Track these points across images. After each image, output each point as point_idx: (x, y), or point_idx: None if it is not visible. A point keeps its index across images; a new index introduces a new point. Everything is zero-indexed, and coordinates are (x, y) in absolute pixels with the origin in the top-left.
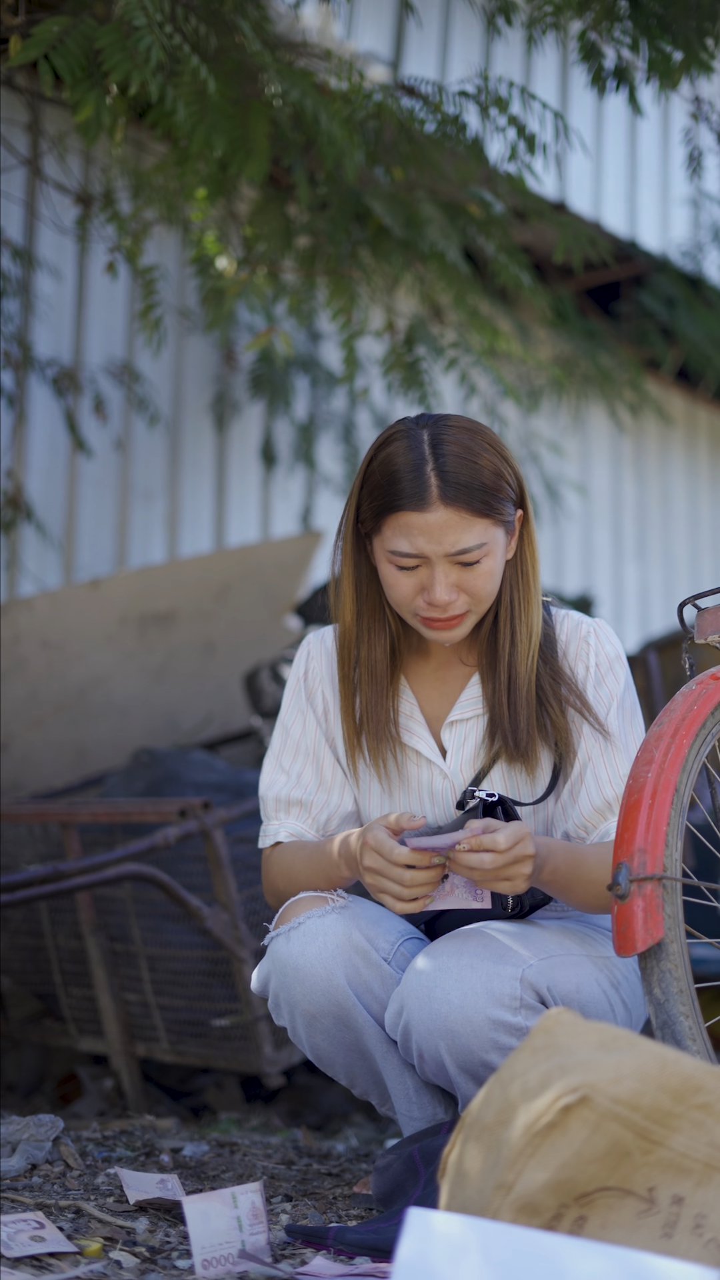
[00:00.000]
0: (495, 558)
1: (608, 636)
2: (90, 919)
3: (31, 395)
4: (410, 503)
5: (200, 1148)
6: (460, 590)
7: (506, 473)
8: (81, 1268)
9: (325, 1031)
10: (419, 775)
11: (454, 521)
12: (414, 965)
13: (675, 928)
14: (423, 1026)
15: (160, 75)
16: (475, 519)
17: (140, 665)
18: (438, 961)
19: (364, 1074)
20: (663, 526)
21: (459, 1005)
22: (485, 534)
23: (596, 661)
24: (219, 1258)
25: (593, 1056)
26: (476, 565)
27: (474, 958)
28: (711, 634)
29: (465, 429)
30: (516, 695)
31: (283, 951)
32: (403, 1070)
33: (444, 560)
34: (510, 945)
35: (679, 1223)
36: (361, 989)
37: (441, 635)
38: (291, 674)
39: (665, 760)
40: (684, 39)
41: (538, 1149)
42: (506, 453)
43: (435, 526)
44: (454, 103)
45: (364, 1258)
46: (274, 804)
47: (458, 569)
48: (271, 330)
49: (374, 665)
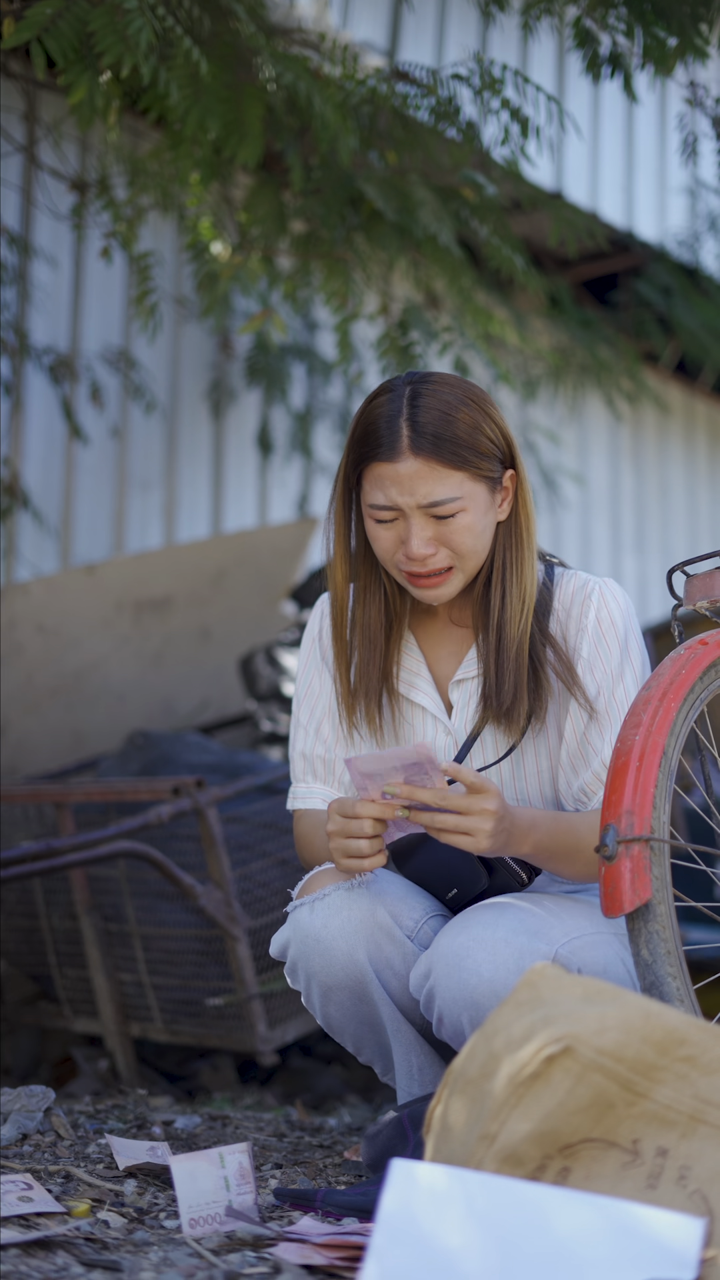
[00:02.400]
0: (474, 513)
1: (612, 594)
2: (85, 899)
3: (28, 383)
4: (383, 453)
5: (192, 1120)
6: (439, 544)
7: (488, 429)
8: (68, 1225)
9: (340, 1004)
10: (423, 731)
11: (424, 472)
12: (447, 929)
13: (663, 889)
14: (448, 994)
15: (153, 58)
16: (448, 471)
17: (136, 650)
18: (472, 932)
19: (371, 1045)
20: (661, 518)
21: (489, 979)
22: (460, 487)
23: (597, 618)
24: (206, 1216)
25: (576, 1009)
26: (452, 519)
27: (509, 932)
28: (700, 599)
29: (448, 384)
30: (504, 657)
31: (305, 922)
32: (410, 1047)
33: (418, 512)
34: (545, 922)
35: (663, 1174)
36: (382, 966)
37: (427, 593)
38: (306, 634)
39: (653, 723)
40: (679, 25)
41: (521, 1099)
42: (492, 410)
43: (406, 477)
44: (448, 87)
45: (352, 1218)
46: (300, 762)
47: (434, 523)
48: (266, 313)
49: (369, 626)
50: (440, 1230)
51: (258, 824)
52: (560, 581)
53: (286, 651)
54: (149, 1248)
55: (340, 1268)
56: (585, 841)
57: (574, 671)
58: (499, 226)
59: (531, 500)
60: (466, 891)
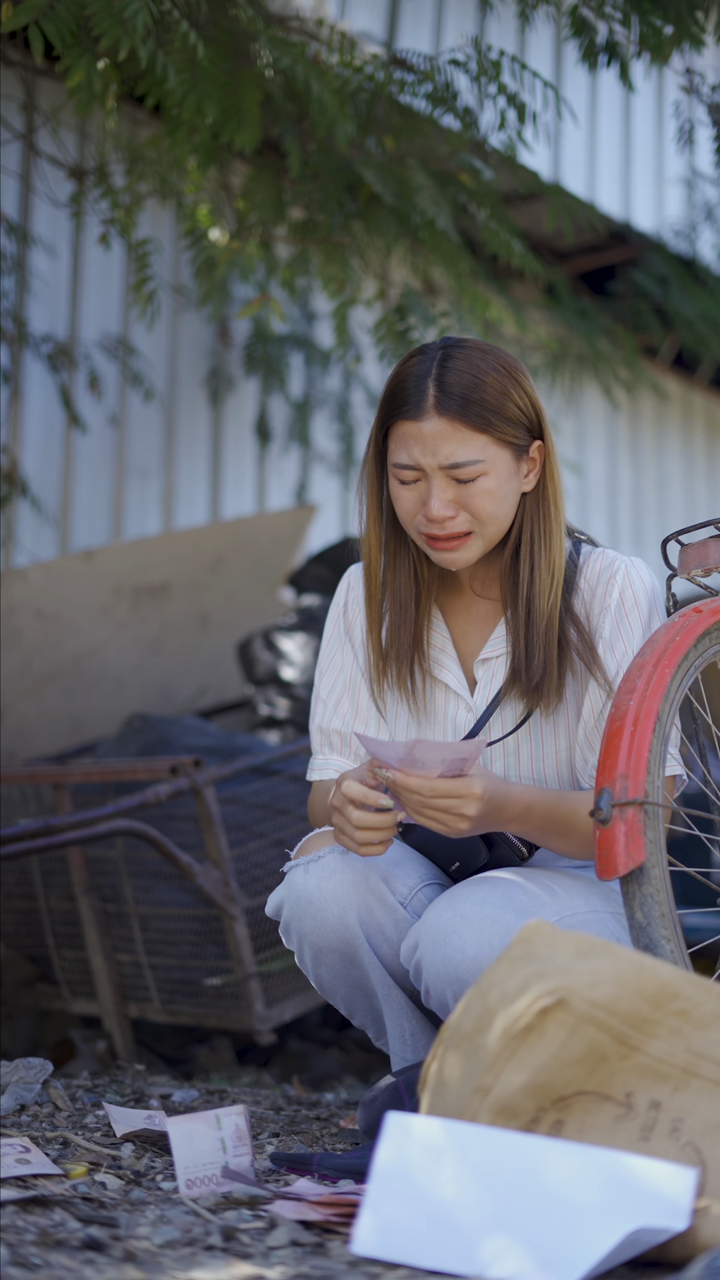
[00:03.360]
0: (496, 478)
1: (639, 573)
2: (82, 879)
3: (26, 371)
4: (409, 411)
5: (189, 1094)
6: (459, 508)
7: (517, 396)
8: (65, 1185)
9: (330, 966)
10: (445, 708)
11: (447, 432)
12: (435, 904)
13: (657, 852)
14: (433, 969)
15: (150, 41)
16: (471, 433)
17: (134, 636)
18: (459, 908)
19: (363, 1008)
20: (658, 511)
21: (473, 956)
22: (483, 451)
23: (621, 597)
24: (203, 1178)
25: (570, 963)
26: (473, 483)
27: (496, 909)
28: (694, 568)
29: (481, 350)
30: (533, 631)
31: (299, 883)
32: (402, 1012)
33: (439, 473)
34: (538, 899)
35: (656, 1127)
36: (373, 931)
37: (445, 556)
38: (331, 608)
39: (647, 689)
40: (675, 12)
41: (515, 1052)
42: (524, 380)
43: (429, 436)
44: (444, 73)
45: (348, 1181)
46: (318, 735)
47: (455, 485)
48: (264, 298)
49: (399, 592)
50: (435, 1182)
51: (254, 805)
52: (587, 559)
53: (284, 637)
54: (145, 1206)
55: (336, 1223)
56: (583, 822)
57: (594, 650)
58: (496, 212)
59: (560, 473)
60: (468, 865)
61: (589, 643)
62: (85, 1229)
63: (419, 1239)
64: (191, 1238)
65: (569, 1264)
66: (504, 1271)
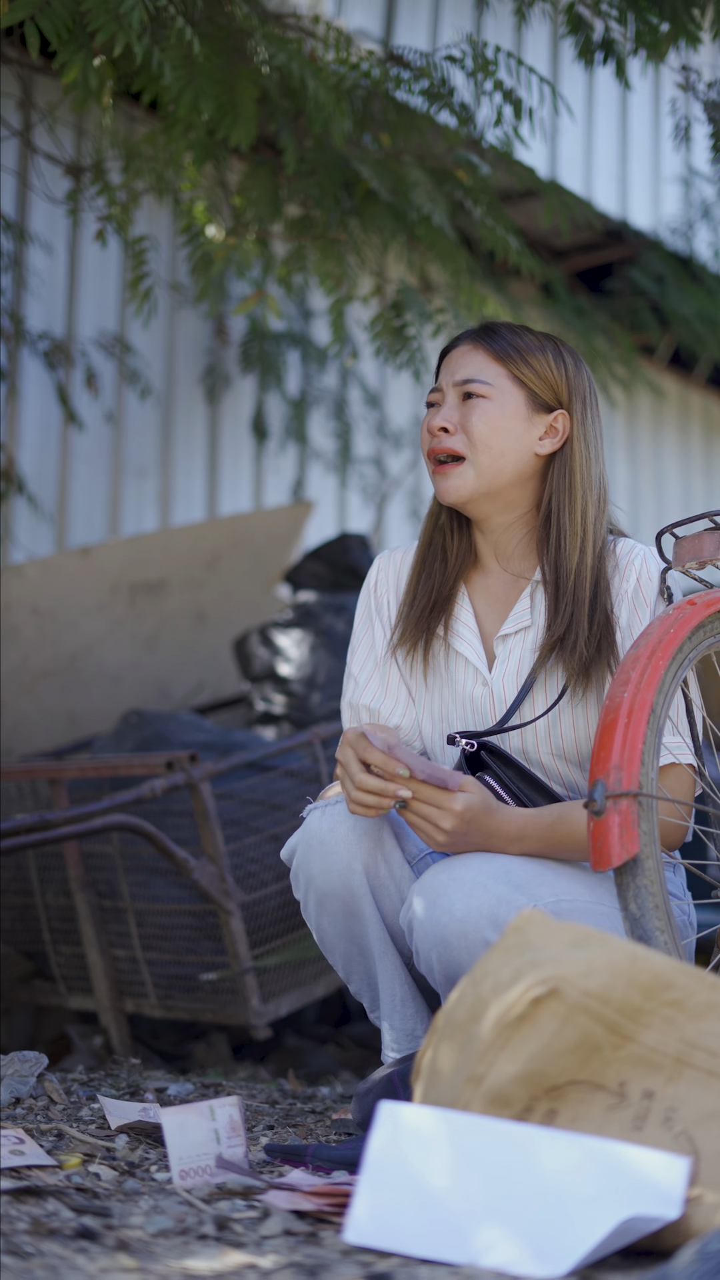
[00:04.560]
0: (500, 406)
1: (655, 560)
2: (79, 875)
3: (23, 369)
4: (451, 345)
5: (185, 1087)
6: (459, 428)
7: (553, 360)
8: (59, 1176)
9: (332, 915)
10: (465, 682)
11: (470, 355)
12: (434, 867)
13: (651, 844)
14: (422, 930)
15: (146, 38)
16: (491, 360)
17: (131, 633)
18: (453, 871)
19: (360, 970)
20: (656, 510)
21: (460, 919)
22: (496, 379)
23: (638, 582)
24: (196, 1168)
25: (564, 952)
26: (475, 401)
27: (490, 878)
28: (688, 561)
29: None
30: (563, 589)
31: (315, 824)
32: (395, 976)
33: (453, 389)
34: (538, 877)
35: (649, 1116)
36: (377, 884)
37: (440, 484)
38: (363, 587)
39: (641, 681)
40: (671, 10)
41: (508, 1041)
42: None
43: (455, 358)
44: (441, 69)
45: (342, 1172)
46: (348, 711)
47: (462, 403)
48: (260, 295)
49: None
50: (428, 1171)
51: (250, 800)
52: (611, 548)
53: (281, 633)
54: (139, 1196)
55: (329, 1213)
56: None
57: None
58: (493, 208)
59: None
60: None
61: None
62: (78, 1218)
63: (412, 1227)
64: (185, 1227)
65: (562, 1252)
66: (497, 1260)
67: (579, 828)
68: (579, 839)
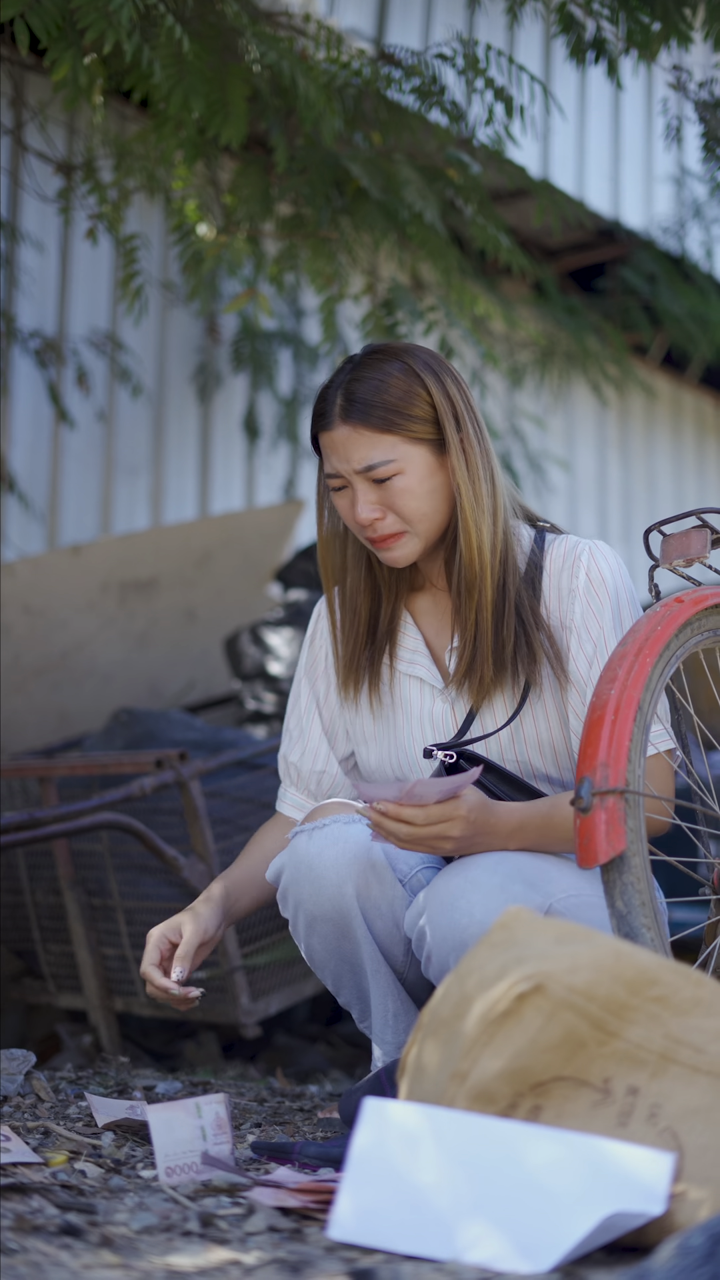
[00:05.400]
0: (414, 475)
1: (602, 554)
2: (68, 873)
3: (14, 367)
4: (322, 422)
5: (173, 1085)
6: (385, 509)
7: (427, 393)
8: (45, 1173)
9: (323, 936)
10: (423, 703)
11: (355, 438)
12: (445, 871)
13: (637, 841)
14: (439, 934)
15: (136, 36)
16: (378, 435)
17: (122, 631)
18: (469, 874)
19: (350, 985)
20: (648, 509)
21: (480, 921)
22: (394, 450)
23: (587, 577)
24: (182, 1165)
25: (549, 949)
26: (390, 482)
27: (505, 878)
28: (676, 559)
29: (395, 352)
30: (465, 618)
31: (302, 848)
32: (388, 992)
33: (358, 478)
34: (547, 874)
35: (634, 1113)
36: (368, 905)
37: (386, 555)
38: (305, 640)
39: (628, 678)
40: (662, 9)
41: (493, 1037)
42: (439, 376)
43: (340, 443)
44: (432, 67)
45: (328, 1169)
46: (283, 764)
47: (375, 487)
48: (250, 293)
49: (359, 595)
50: (412, 1167)
51: (240, 799)
52: (550, 547)
53: (271, 632)
54: (125, 1194)
55: (314, 1209)
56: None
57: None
58: (484, 207)
59: (481, 462)
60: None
61: (554, 631)
62: (63, 1215)
63: (396, 1224)
64: (169, 1224)
65: (546, 1248)
66: (481, 1256)
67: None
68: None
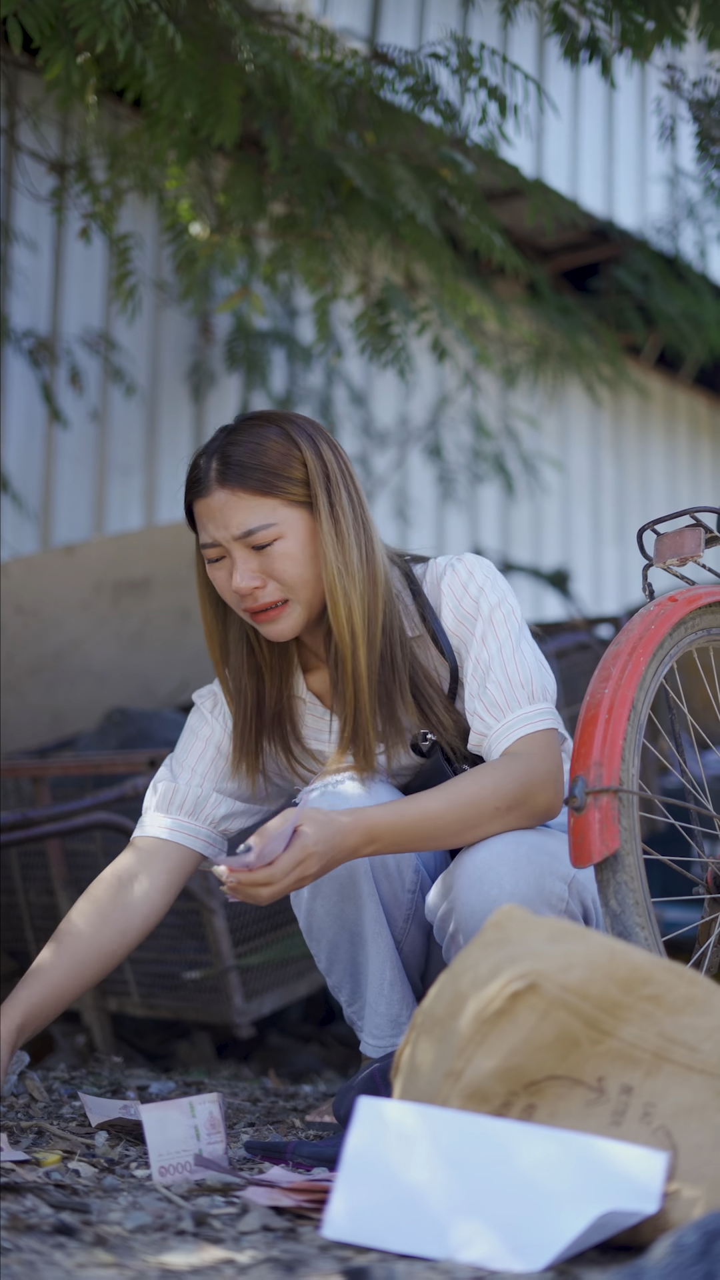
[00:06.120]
0: (295, 539)
1: (462, 563)
2: (62, 874)
3: (8, 366)
4: (197, 489)
5: (167, 1085)
6: (266, 576)
7: (303, 455)
8: (38, 1172)
9: (326, 898)
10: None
11: (233, 502)
12: (468, 851)
13: (631, 840)
14: (468, 908)
15: (129, 35)
16: (257, 498)
17: (115, 631)
18: (494, 848)
19: (345, 959)
20: (642, 510)
21: (510, 891)
22: (274, 514)
23: (449, 587)
24: (176, 1165)
25: (542, 947)
26: (270, 548)
27: (531, 850)
28: (670, 558)
29: (268, 418)
30: (344, 691)
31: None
32: (386, 958)
33: (236, 545)
34: (557, 850)
35: (628, 1111)
36: (377, 863)
37: (270, 629)
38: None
39: (622, 677)
40: (656, 8)
41: (486, 1036)
42: (314, 440)
43: (217, 509)
44: (425, 67)
45: (322, 1169)
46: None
47: (255, 554)
48: (243, 292)
49: (242, 685)
50: (406, 1166)
51: None
52: (423, 579)
53: None
54: (118, 1193)
55: (308, 1209)
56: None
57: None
58: (478, 207)
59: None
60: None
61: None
62: (56, 1214)
63: (390, 1223)
64: (163, 1223)
65: (540, 1247)
66: (475, 1255)
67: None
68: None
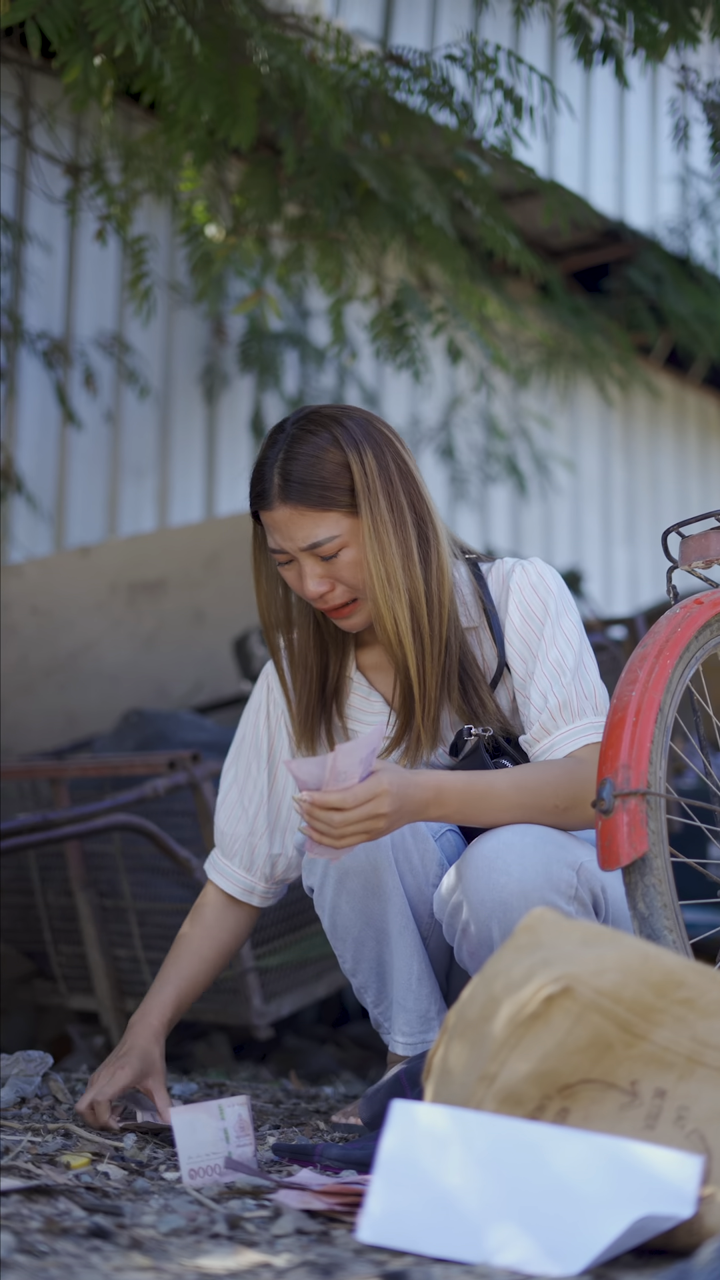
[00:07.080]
0: (357, 545)
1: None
2: (80, 875)
3: (22, 368)
4: (260, 502)
5: (189, 1087)
6: (333, 581)
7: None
8: (68, 1175)
9: (351, 894)
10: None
11: (295, 518)
12: (475, 844)
13: (659, 843)
14: (478, 897)
15: (147, 38)
16: (319, 514)
17: (130, 632)
18: (501, 838)
19: (371, 957)
20: (652, 511)
21: (518, 879)
22: (337, 526)
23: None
24: (206, 1168)
25: (575, 951)
26: (337, 557)
27: (538, 839)
28: (694, 560)
29: (320, 423)
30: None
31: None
32: (413, 952)
33: (304, 555)
34: (568, 840)
35: (661, 1115)
36: (401, 856)
37: (343, 623)
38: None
39: (649, 680)
40: (670, 9)
41: (520, 1040)
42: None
43: (282, 523)
44: (441, 68)
45: (350, 1171)
46: (217, 833)
47: (321, 562)
48: (259, 294)
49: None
50: (441, 1169)
51: None
52: (489, 575)
53: None
54: (149, 1196)
55: (340, 1212)
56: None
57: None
58: (492, 207)
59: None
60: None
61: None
62: (90, 1217)
63: (425, 1226)
64: (197, 1226)
65: (575, 1251)
66: (510, 1259)
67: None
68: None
